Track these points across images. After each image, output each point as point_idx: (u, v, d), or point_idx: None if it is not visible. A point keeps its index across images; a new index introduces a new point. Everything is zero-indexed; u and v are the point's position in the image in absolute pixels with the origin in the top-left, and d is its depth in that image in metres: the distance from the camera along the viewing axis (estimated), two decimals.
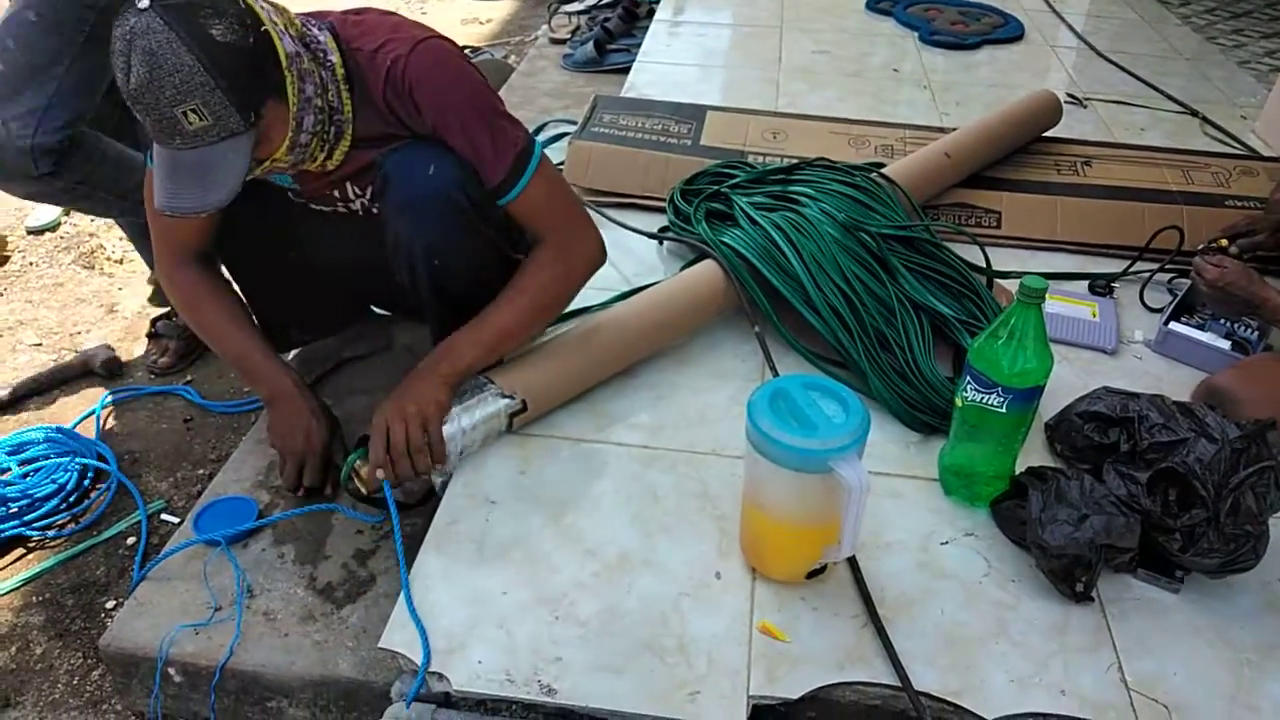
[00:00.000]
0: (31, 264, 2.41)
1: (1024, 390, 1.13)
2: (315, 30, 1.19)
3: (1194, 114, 2.52)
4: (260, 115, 1.07)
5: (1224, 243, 1.63)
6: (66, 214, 2.58)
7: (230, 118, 1.03)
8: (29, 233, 2.53)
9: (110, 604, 1.51)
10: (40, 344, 2.12)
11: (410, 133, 1.24)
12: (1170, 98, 2.61)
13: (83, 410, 1.90)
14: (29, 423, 1.88)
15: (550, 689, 1.02)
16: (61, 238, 2.52)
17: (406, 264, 1.28)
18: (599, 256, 1.35)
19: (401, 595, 1.13)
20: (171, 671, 1.21)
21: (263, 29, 1.07)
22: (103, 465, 1.72)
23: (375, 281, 1.51)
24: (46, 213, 2.57)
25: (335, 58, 1.19)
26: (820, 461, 0.99)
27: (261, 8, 1.09)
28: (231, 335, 1.39)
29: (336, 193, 1.34)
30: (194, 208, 1.08)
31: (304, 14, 1.22)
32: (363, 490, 1.29)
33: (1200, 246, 1.66)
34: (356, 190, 1.33)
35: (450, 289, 1.32)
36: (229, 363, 1.47)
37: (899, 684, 1.03)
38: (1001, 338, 1.13)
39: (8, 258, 2.43)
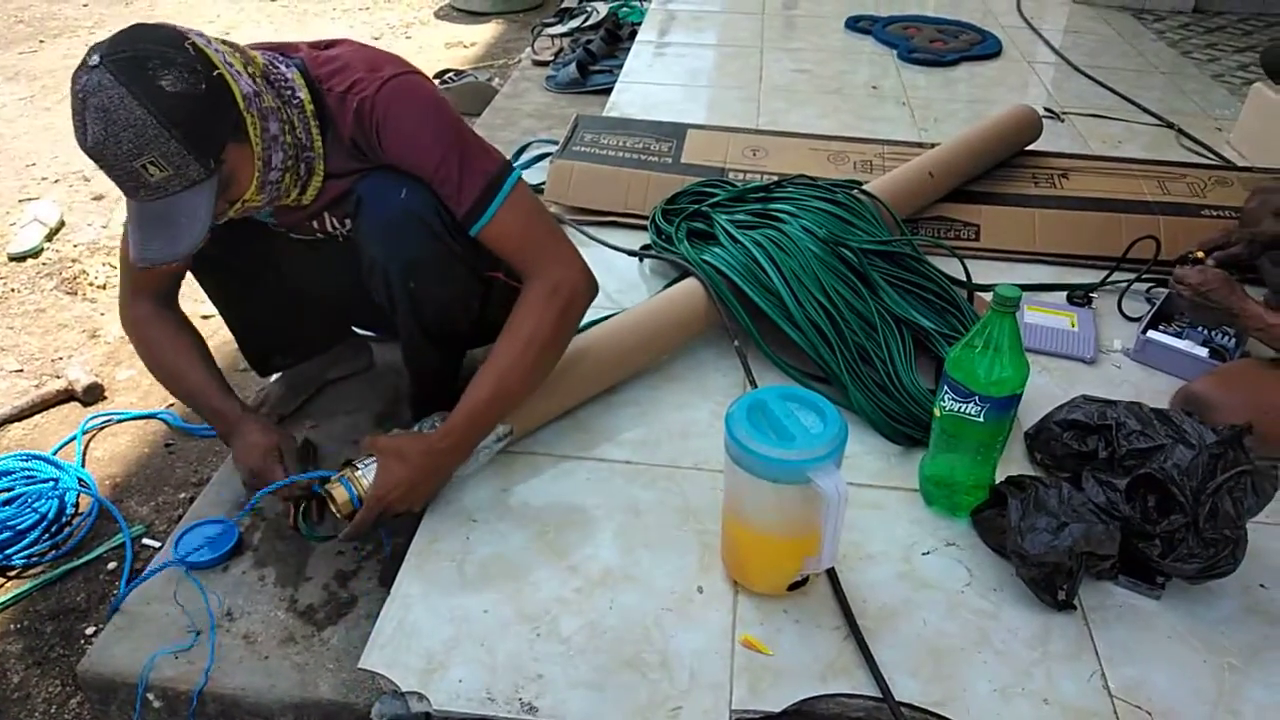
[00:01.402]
0: (13, 290, 2.41)
1: (1001, 399, 1.14)
2: (282, 68, 1.18)
3: (1170, 126, 2.55)
4: (220, 160, 1.07)
5: (1200, 255, 1.64)
6: (48, 240, 2.58)
7: (189, 167, 1.03)
8: (11, 259, 2.52)
9: (90, 630, 1.49)
10: (21, 370, 2.11)
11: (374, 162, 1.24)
12: (1146, 111, 2.64)
13: (64, 435, 1.89)
14: (9, 448, 1.87)
15: (531, 707, 1.02)
16: (44, 264, 2.51)
17: (383, 285, 1.28)
18: (588, 288, 1.30)
19: (381, 615, 1.12)
20: (151, 697, 1.20)
21: (215, 73, 1.06)
22: (84, 490, 1.71)
23: (357, 303, 1.51)
24: (29, 238, 2.57)
25: (304, 94, 1.18)
26: (798, 472, 0.99)
27: (215, 51, 1.08)
28: (188, 373, 1.36)
29: (315, 223, 1.34)
30: (164, 258, 1.08)
31: (272, 48, 1.22)
32: (336, 513, 1.26)
33: (1176, 259, 1.67)
34: (335, 222, 1.33)
35: (426, 311, 1.31)
36: (184, 400, 1.42)
37: (881, 695, 1.03)
38: (977, 347, 1.14)
39: None
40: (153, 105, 0.99)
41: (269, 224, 1.35)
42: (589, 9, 3.55)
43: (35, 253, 2.55)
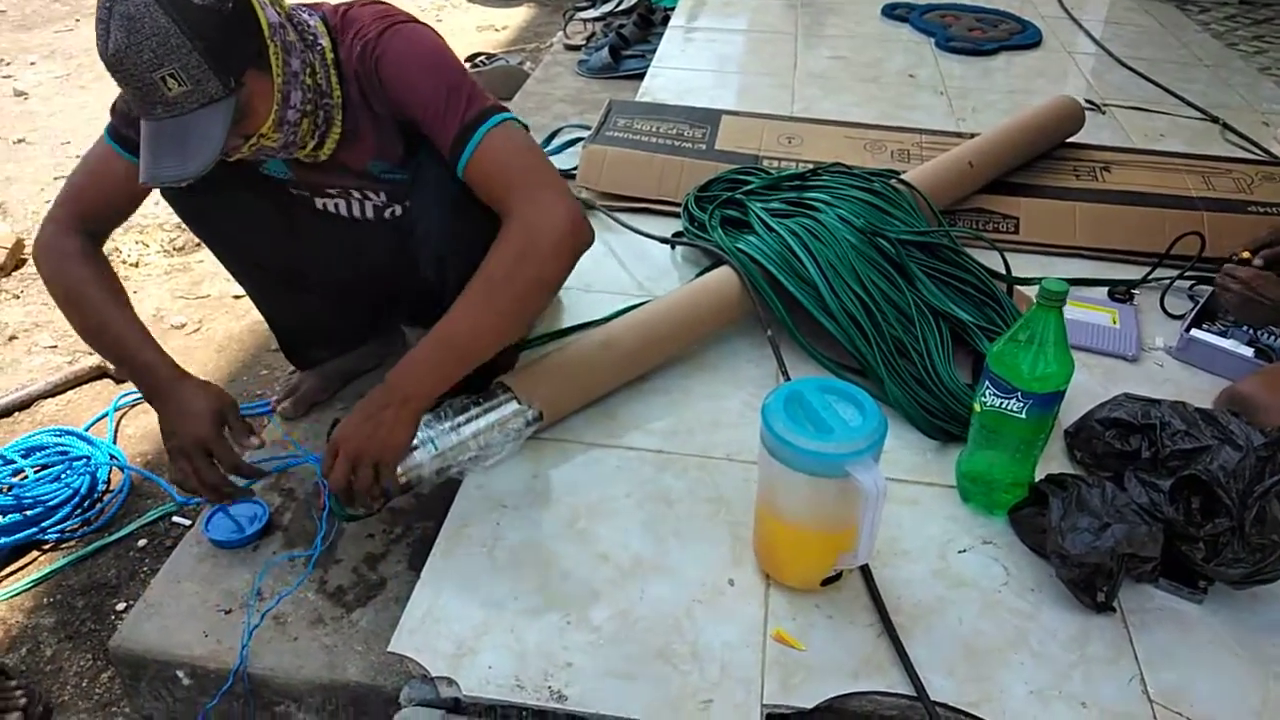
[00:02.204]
0: None
1: (1044, 395, 1.11)
2: (305, 15, 1.19)
3: (1214, 120, 2.49)
4: (240, 83, 1.07)
5: (1247, 255, 1.60)
6: None
7: (209, 82, 1.03)
8: None
9: (120, 606, 1.51)
10: (55, 346, 2.13)
11: (388, 122, 1.23)
12: (1190, 104, 2.58)
13: (96, 412, 1.91)
14: (42, 424, 1.88)
15: (561, 695, 1.01)
16: None
17: (434, 259, 1.26)
18: (571, 228, 1.14)
19: (411, 599, 1.11)
20: (181, 674, 1.21)
21: None
22: (116, 464, 1.72)
23: (395, 294, 1.50)
24: None
25: (325, 42, 1.19)
26: (836, 466, 0.98)
27: None
28: (114, 320, 1.22)
29: (336, 189, 1.33)
30: (175, 176, 1.07)
31: (296, 2, 1.22)
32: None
33: (1225, 259, 1.63)
34: (364, 195, 1.33)
35: None
36: (103, 351, 1.29)
37: (915, 694, 1.01)
38: (1021, 342, 1.11)
39: (25, 260, 2.44)
40: (178, 15, 0.99)
41: (288, 182, 1.34)
42: None
43: None
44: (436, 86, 1.17)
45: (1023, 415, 1.13)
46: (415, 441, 1.22)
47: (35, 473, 1.71)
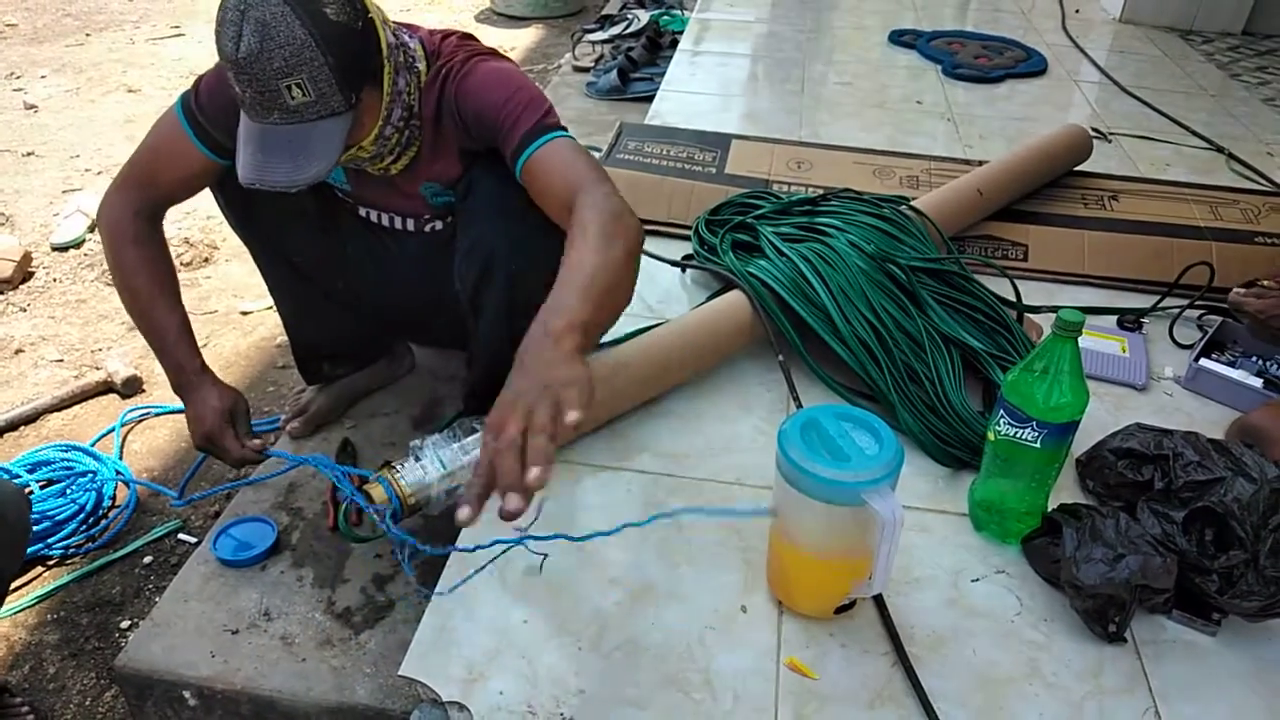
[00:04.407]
0: (55, 280, 2.43)
1: (1059, 425, 1.11)
2: (406, 37, 1.21)
3: (1220, 150, 2.50)
4: (359, 99, 1.09)
5: (1266, 283, 1.60)
6: (90, 231, 2.60)
7: (333, 96, 1.05)
8: (53, 249, 2.55)
9: (125, 623, 1.50)
10: (61, 360, 2.13)
11: (452, 148, 1.25)
12: (1195, 133, 2.60)
13: (102, 427, 1.90)
14: (48, 438, 1.88)
15: None
16: (85, 254, 2.53)
17: (479, 266, 1.26)
18: (637, 220, 1.11)
19: (422, 622, 1.11)
20: (187, 695, 1.20)
21: (369, 15, 1.10)
22: (122, 479, 1.71)
23: (416, 306, 1.50)
24: (71, 229, 2.59)
25: (421, 65, 1.21)
26: (852, 494, 0.97)
27: None
28: (159, 309, 1.29)
29: (387, 202, 1.35)
30: (285, 182, 1.08)
31: (398, 23, 1.25)
32: (374, 514, 1.23)
33: (1237, 286, 1.64)
34: (414, 218, 1.35)
35: (519, 295, 1.26)
36: (145, 334, 1.33)
37: None
38: (1036, 371, 1.11)
39: (32, 273, 2.45)
40: (314, 28, 1.01)
41: (340, 190, 1.36)
42: (630, 16, 3.55)
43: (77, 243, 2.57)
44: (515, 95, 1.19)
45: (1037, 445, 1.13)
46: (425, 463, 1.22)
47: (41, 488, 1.71)
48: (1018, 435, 1.13)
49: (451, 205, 1.34)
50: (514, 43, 4.35)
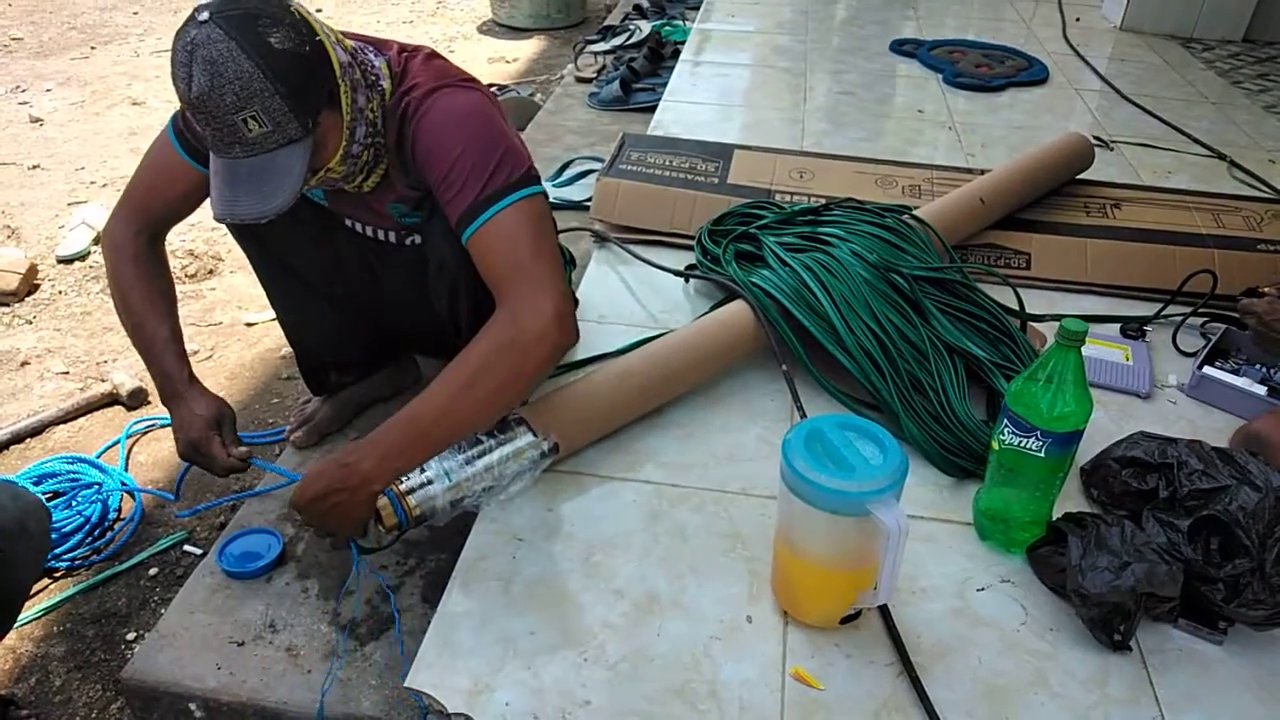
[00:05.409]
0: (61, 292, 2.44)
1: (1063, 434, 1.11)
2: (370, 55, 1.21)
3: (1221, 157, 2.51)
4: (317, 123, 1.10)
5: (1267, 290, 1.60)
6: (96, 243, 2.61)
7: (289, 124, 1.06)
8: (59, 261, 2.56)
9: (131, 635, 1.50)
10: (67, 372, 2.13)
11: (415, 174, 1.25)
12: (1197, 141, 2.60)
13: (108, 439, 1.91)
14: (54, 450, 1.88)
15: None
16: (90, 266, 2.54)
17: (448, 289, 1.28)
18: (557, 326, 1.12)
19: (428, 633, 1.11)
20: (193, 707, 1.20)
21: (317, 38, 1.09)
22: (128, 489, 1.72)
23: (408, 317, 1.51)
24: (77, 241, 2.60)
25: (386, 85, 1.21)
26: (857, 504, 0.98)
27: (314, 20, 1.12)
28: (152, 323, 1.31)
29: (368, 214, 1.36)
30: (253, 215, 1.09)
31: (365, 39, 1.25)
32: (380, 526, 1.24)
33: (1240, 293, 1.64)
34: (386, 230, 1.34)
35: (488, 315, 1.27)
36: (137, 347, 1.34)
37: None
38: (1040, 380, 1.12)
39: (38, 286, 2.46)
40: (261, 60, 1.01)
41: (324, 205, 1.37)
42: (632, 27, 3.57)
43: (83, 256, 2.58)
44: (462, 154, 1.16)
45: (1041, 454, 1.13)
46: (430, 474, 1.22)
47: (47, 500, 1.71)
48: (1022, 444, 1.14)
49: (420, 225, 1.34)
50: (516, 54, 4.37)
